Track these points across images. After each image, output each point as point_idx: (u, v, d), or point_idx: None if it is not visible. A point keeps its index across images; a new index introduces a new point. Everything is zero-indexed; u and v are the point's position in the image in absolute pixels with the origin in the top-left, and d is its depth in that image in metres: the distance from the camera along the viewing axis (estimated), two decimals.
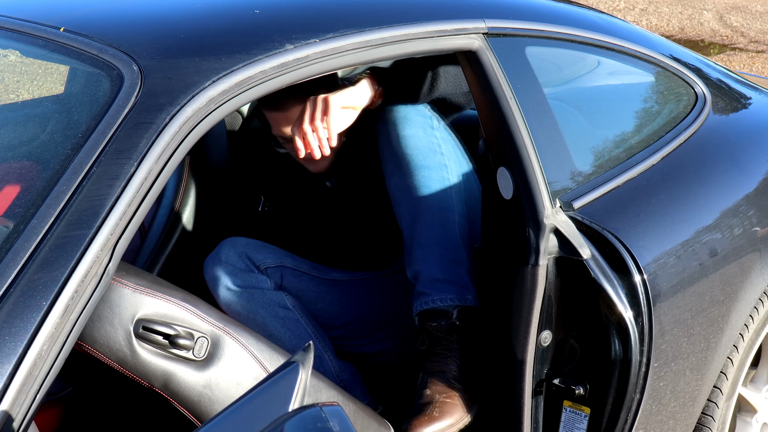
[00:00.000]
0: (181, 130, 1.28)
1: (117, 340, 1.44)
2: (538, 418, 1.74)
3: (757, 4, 9.92)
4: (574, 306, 1.69)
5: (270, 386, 1.00)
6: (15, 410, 1.09)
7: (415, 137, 1.88)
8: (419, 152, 1.88)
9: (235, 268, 2.04)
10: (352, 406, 1.65)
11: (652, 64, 2.11)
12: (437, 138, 1.91)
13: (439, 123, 1.94)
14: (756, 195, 2.04)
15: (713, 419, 1.98)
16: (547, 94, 1.75)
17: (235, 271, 2.04)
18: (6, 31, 1.56)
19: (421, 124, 1.89)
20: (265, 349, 1.57)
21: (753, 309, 2.02)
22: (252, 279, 2.06)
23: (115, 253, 1.21)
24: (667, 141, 1.96)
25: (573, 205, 1.70)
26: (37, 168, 1.32)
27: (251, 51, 1.39)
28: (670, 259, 1.76)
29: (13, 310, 1.11)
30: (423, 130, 1.89)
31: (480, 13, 1.69)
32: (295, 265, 2.17)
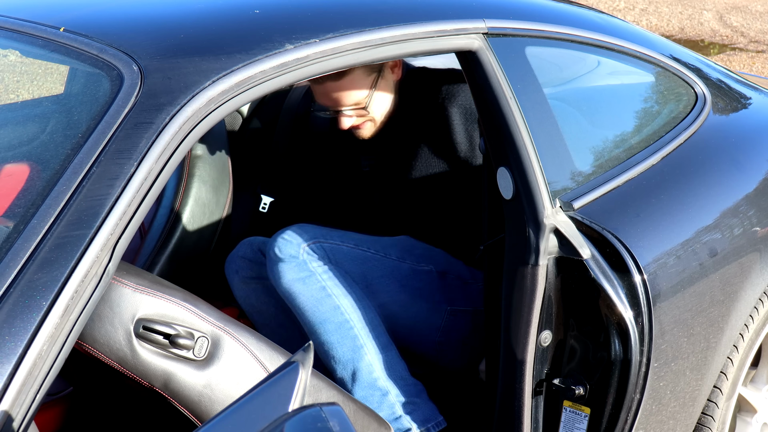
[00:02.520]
0: (181, 130, 1.28)
1: (117, 339, 1.44)
2: (538, 418, 1.74)
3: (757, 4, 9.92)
4: (574, 306, 1.69)
5: (270, 386, 1.00)
6: (15, 410, 1.09)
7: (299, 294, 1.89)
8: (308, 310, 1.89)
9: (249, 261, 2.11)
10: (352, 406, 1.65)
11: (652, 64, 2.11)
12: (318, 281, 1.89)
13: (312, 256, 1.91)
14: (756, 195, 2.05)
15: (713, 419, 1.98)
16: (547, 94, 1.75)
17: (249, 264, 2.11)
18: (6, 31, 1.56)
19: (297, 278, 1.89)
20: (265, 349, 1.57)
21: (753, 309, 2.02)
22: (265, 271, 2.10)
23: (115, 253, 1.21)
24: (667, 141, 1.96)
25: (573, 205, 1.70)
26: (37, 168, 1.32)
27: (251, 51, 1.39)
28: (670, 259, 1.76)
29: (13, 310, 1.11)
30: (302, 283, 1.89)
31: (480, 13, 1.69)
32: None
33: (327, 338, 1.88)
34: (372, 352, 1.88)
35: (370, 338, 1.89)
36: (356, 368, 1.88)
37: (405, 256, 2.03)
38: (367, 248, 2.00)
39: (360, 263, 1.97)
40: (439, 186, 2.08)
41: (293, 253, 1.88)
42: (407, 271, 2.02)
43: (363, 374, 1.87)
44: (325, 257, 1.91)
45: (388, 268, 2.00)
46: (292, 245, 1.89)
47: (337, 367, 1.89)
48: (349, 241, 1.98)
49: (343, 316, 1.88)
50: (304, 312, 1.89)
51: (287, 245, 1.89)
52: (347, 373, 1.89)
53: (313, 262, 1.89)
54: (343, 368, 1.89)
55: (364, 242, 2.00)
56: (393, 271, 2.00)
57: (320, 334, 1.89)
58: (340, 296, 1.89)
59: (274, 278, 1.91)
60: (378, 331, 1.91)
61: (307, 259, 1.89)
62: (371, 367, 1.88)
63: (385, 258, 2.00)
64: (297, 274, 1.88)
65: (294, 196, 2.55)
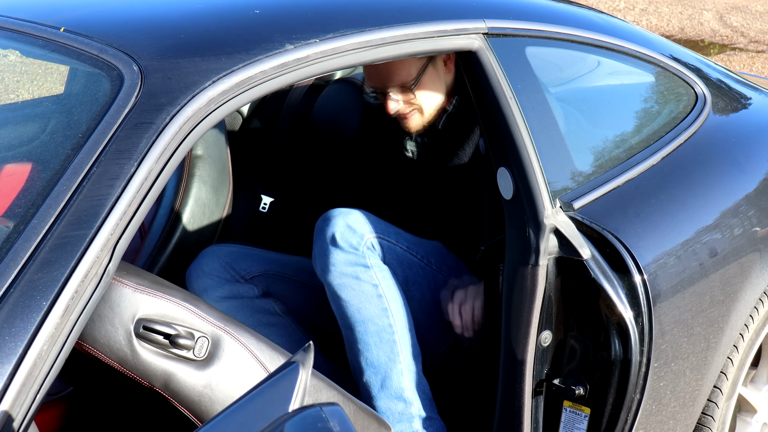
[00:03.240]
0: (181, 130, 1.28)
1: (117, 339, 1.44)
2: (538, 418, 1.74)
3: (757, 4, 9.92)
4: (574, 306, 1.69)
5: (270, 386, 1.00)
6: (15, 410, 1.09)
7: (349, 288, 1.83)
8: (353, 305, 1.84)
9: (220, 279, 2.02)
10: (352, 406, 1.65)
11: (652, 65, 2.11)
12: (373, 278, 1.84)
13: (372, 252, 1.85)
14: (756, 195, 2.05)
15: (713, 419, 1.98)
16: (547, 94, 1.75)
17: (220, 282, 2.02)
18: (6, 31, 1.56)
19: (352, 271, 1.83)
20: (265, 349, 1.57)
21: (753, 309, 2.02)
22: (237, 289, 2.04)
23: (116, 253, 1.21)
24: (667, 141, 1.96)
25: (573, 205, 1.70)
26: (37, 168, 1.32)
27: (251, 51, 1.39)
28: (670, 260, 1.76)
29: (14, 310, 1.11)
30: (355, 277, 1.83)
31: (480, 13, 1.69)
32: (281, 271, 2.14)
33: (365, 338, 1.83)
34: (405, 362, 1.85)
35: (406, 348, 1.85)
36: (387, 375, 1.84)
37: (442, 267, 2.00)
38: (416, 252, 1.95)
39: (406, 267, 1.92)
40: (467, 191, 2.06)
41: (354, 243, 1.81)
42: (441, 282, 1.99)
43: (393, 382, 1.84)
44: (383, 255, 1.86)
45: (427, 277, 1.97)
46: (356, 235, 1.81)
47: (367, 369, 1.85)
48: (403, 241, 1.93)
49: (388, 320, 1.83)
50: (348, 306, 1.82)
51: (350, 233, 1.81)
52: (377, 378, 1.85)
53: (371, 257, 1.82)
54: (374, 372, 1.85)
55: (413, 245, 1.95)
56: (430, 281, 1.98)
57: (359, 332, 1.83)
58: (390, 299, 1.84)
59: (325, 263, 1.82)
60: (413, 342, 1.87)
61: (366, 253, 1.82)
62: (401, 377, 1.84)
63: (427, 266, 1.97)
64: (352, 267, 1.81)
65: (294, 195, 2.55)
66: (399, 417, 1.86)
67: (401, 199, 2.20)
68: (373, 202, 2.25)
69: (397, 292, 1.86)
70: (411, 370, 1.87)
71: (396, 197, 2.21)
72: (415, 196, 2.17)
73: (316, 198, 2.55)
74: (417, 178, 2.16)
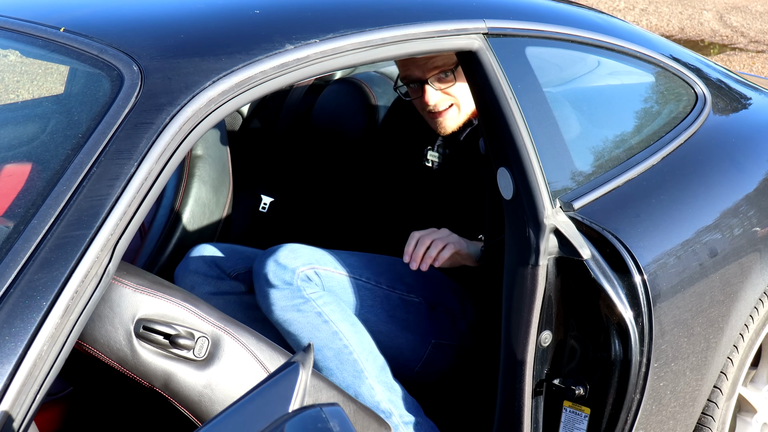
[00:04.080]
0: (181, 130, 1.28)
1: (117, 339, 1.44)
2: (538, 418, 1.74)
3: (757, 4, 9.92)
4: (574, 306, 1.69)
5: (270, 386, 1.00)
6: (15, 410, 1.09)
7: (294, 322, 1.83)
8: (304, 337, 1.84)
9: (206, 276, 2.02)
10: (352, 406, 1.65)
11: (652, 65, 2.11)
12: (314, 307, 1.84)
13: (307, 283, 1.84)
14: (756, 195, 2.04)
15: (713, 419, 1.98)
16: (547, 94, 1.75)
17: (206, 279, 2.02)
18: (6, 31, 1.56)
19: (291, 305, 1.83)
20: (265, 349, 1.57)
21: (753, 309, 2.02)
22: (224, 285, 2.04)
23: (116, 253, 1.21)
24: (667, 141, 1.96)
25: (573, 205, 1.70)
26: (37, 168, 1.32)
27: (251, 51, 1.39)
28: (670, 260, 1.76)
29: (13, 310, 1.11)
30: (296, 310, 1.83)
31: (480, 13, 1.69)
32: None
33: (326, 364, 1.85)
34: (372, 375, 1.86)
35: (369, 362, 1.86)
36: (358, 392, 1.85)
37: (396, 285, 1.99)
38: (360, 275, 1.95)
39: (352, 292, 1.92)
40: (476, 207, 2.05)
41: (287, 279, 1.81)
42: (396, 301, 1.98)
43: (365, 398, 1.85)
44: (320, 284, 1.86)
45: (378, 298, 1.96)
46: (286, 271, 1.82)
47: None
48: (343, 267, 1.92)
49: (342, 342, 1.84)
50: (300, 339, 1.84)
51: (281, 271, 1.81)
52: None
53: (307, 288, 1.83)
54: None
55: (356, 268, 1.95)
56: (383, 301, 1.97)
57: (318, 360, 1.85)
58: (337, 322, 1.84)
59: (266, 305, 1.84)
60: (375, 354, 1.88)
61: (301, 285, 1.82)
62: (373, 390, 1.85)
63: (376, 287, 1.96)
64: (291, 301, 1.82)
65: (294, 196, 2.55)
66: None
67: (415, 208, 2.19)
68: (382, 208, 2.24)
69: (344, 313, 1.87)
70: (381, 381, 1.87)
71: (410, 206, 2.20)
72: (430, 206, 2.16)
73: (316, 198, 2.55)
74: (435, 189, 2.15)
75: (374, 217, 2.29)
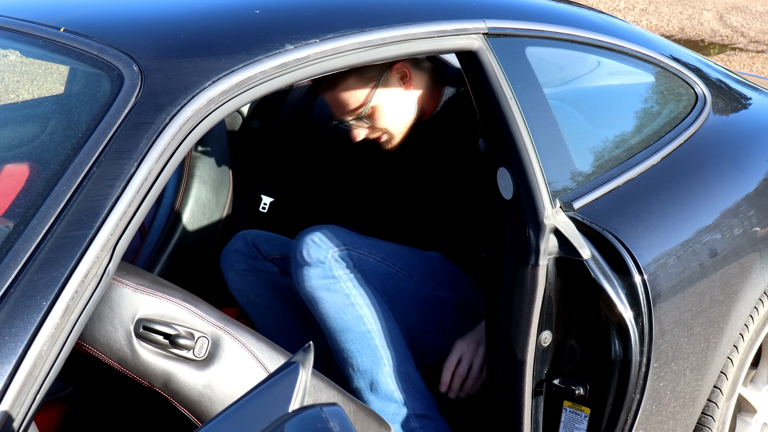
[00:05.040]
0: (181, 130, 1.28)
1: (117, 339, 1.44)
2: (538, 418, 1.74)
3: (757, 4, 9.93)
4: (574, 306, 1.69)
5: (270, 386, 1.00)
6: (15, 410, 1.09)
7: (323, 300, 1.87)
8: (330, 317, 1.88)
9: (244, 255, 2.14)
10: (352, 406, 1.65)
11: (652, 65, 2.11)
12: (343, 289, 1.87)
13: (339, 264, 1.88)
14: (756, 195, 2.04)
15: (713, 419, 1.98)
16: (547, 94, 1.75)
17: (244, 257, 2.14)
18: (6, 31, 1.56)
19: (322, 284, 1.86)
20: (265, 349, 1.57)
21: (753, 309, 2.02)
22: (259, 264, 2.14)
23: (116, 253, 1.21)
24: (667, 141, 1.96)
25: (573, 205, 1.70)
26: (37, 168, 1.32)
27: (251, 51, 1.39)
28: (670, 260, 1.76)
29: (14, 310, 1.11)
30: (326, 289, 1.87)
31: (480, 13, 1.69)
32: None
33: (347, 346, 1.87)
34: (391, 364, 1.87)
35: (389, 350, 1.88)
36: (374, 379, 1.87)
37: (427, 280, 2.00)
38: (393, 264, 1.97)
39: (383, 278, 1.94)
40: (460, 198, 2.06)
41: (321, 257, 1.85)
42: (426, 296, 2.00)
43: (381, 385, 1.87)
44: (352, 266, 1.89)
45: (408, 289, 1.98)
46: (321, 249, 1.86)
47: (355, 375, 1.89)
48: (377, 253, 1.95)
49: (365, 326, 1.87)
50: (326, 318, 1.87)
51: (316, 249, 1.86)
52: (365, 382, 1.88)
53: (339, 269, 1.86)
54: (361, 377, 1.88)
55: (391, 256, 1.97)
56: (412, 293, 1.98)
57: (341, 342, 1.88)
58: (363, 306, 1.87)
59: (298, 280, 1.88)
60: (397, 343, 1.90)
61: (334, 265, 1.86)
62: (389, 379, 1.87)
63: (408, 278, 1.98)
64: (322, 280, 1.86)
65: (294, 196, 2.55)
66: (393, 417, 1.87)
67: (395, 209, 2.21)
68: (368, 211, 2.26)
69: (372, 298, 1.89)
70: (399, 371, 1.89)
71: (390, 208, 2.22)
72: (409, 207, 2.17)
73: (316, 198, 2.55)
74: (409, 190, 2.16)
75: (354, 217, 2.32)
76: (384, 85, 1.97)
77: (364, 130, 2.01)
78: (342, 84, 1.94)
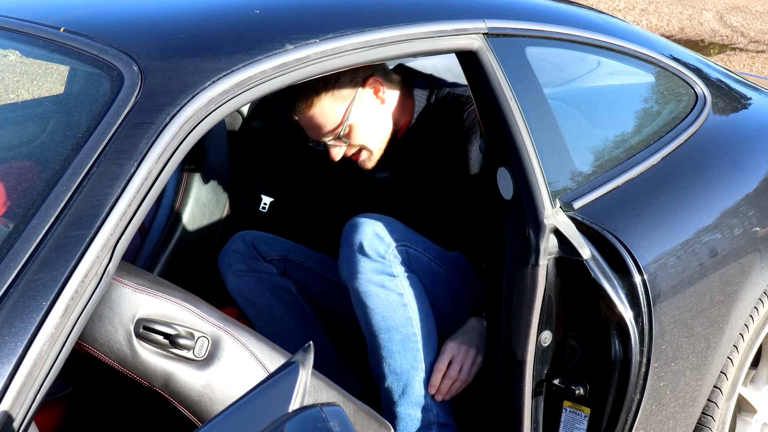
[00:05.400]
0: (181, 130, 1.28)
1: (117, 339, 1.44)
2: (538, 418, 1.74)
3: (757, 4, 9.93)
4: (574, 306, 1.69)
5: (270, 386, 1.00)
6: (15, 410, 1.09)
7: (374, 296, 1.84)
8: (378, 313, 1.85)
9: (243, 256, 2.13)
10: (352, 406, 1.65)
11: (652, 65, 2.11)
12: (398, 287, 1.85)
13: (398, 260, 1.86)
14: (756, 195, 2.05)
15: (713, 419, 1.98)
16: (547, 94, 1.75)
17: (242, 258, 2.13)
18: (6, 31, 1.56)
19: (378, 279, 1.83)
20: (265, 349, 1.57)
21: (753, 309, 2.02)
22: (258, 265, 2.14)
23: (116, 253, 1.21)
24: (667, 141, 1.96)
25: (573, 205, 1.70)
26: (37, 168, 1.32)
27: (251, 51, 1.39)
28: (670, 260, 1.76)
29: (14, 310, 1.11)
30: (381, 285, 1.84)
31: (480, 13, 1.69)
32: (301, 260, 2.20)
33: (389, 345, 1.85)
34: (426, 370, 1.86)
35: (430, 356, 1.86)
36: (409, 383, 1.86)
37: (465, 280, 2.00)
38: (441, 263, 1.96)
39: (432, 278, 1.93)
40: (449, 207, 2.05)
41: (381, 251, 1.82)
42: (464, 296, 1.99)
43: (414, 390, 1.86)
44: (408, 264, 1.87)
45: (451, 289, 1.97)
46: (383, 243, 1.82)
47: (389, 375, 1.86)
48: (430, 251, 1.93)
49: (413, 329, 1.84)
50: (373, 313, 1.84)
51: (377, 242, 1.81)
52: (399, 384, 1.86)
53: (397, 266, 1.83)
54: (396, 379, 1.86)
55: (440, 256, 1.96)
56: (453, 293, 1.98)
57: (384, 340, 1.85)
58: (414, 308, 1.85)
59: (351, 270, 1.83)
60: (436, 349, 1.89)
61: (393, 261, 1.83)
62: (422, 385, 1.86)
63: (452, 279, 1.97)
64: (379, 276, 1.82)
65: (294, 196, 2.55)
66: (418, 423, 1.87)
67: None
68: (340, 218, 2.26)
69: (422, 301, 1.87)
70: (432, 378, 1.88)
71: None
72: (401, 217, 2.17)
73: (316, 198, 2.55)
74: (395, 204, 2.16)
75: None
76: (359, 101, 1.96)
77: (342, 148, 2.01)
78: (317, 106, 1.93)
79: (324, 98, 1.93)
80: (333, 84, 1.92)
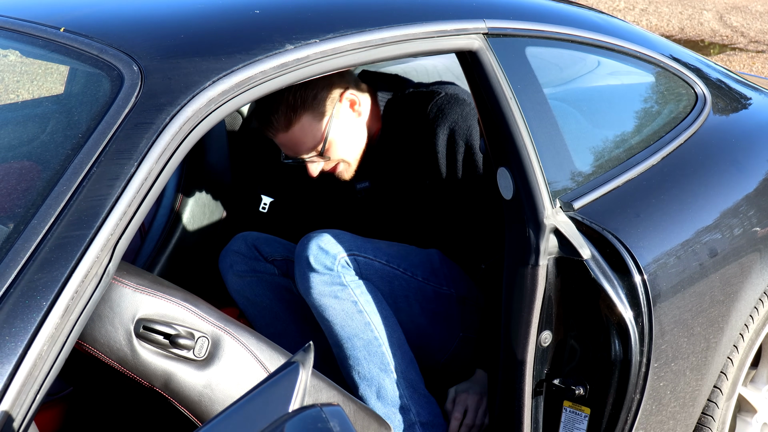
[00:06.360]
0: (181, 130, 1.28)
1: (117, 339, 1.44)
2: (538, 418, 1.74)
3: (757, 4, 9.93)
4: (574, 306, 1.69)
5: (270, 386, 1.00)
6: (15, 410, 1.09)
7: (330, 308, 1.86)
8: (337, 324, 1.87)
9: (244, 256, 2.13)
10: (352, 406, 1.65)
11: (652, 65, 2.11)
12: (351, 296, 1.87)
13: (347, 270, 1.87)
14: (756, 195, 2.05)
15: (713, 419, 1.98)
16: (547, 94, 1.75)
17: (244, 259, 2.12)
18: (6, 31, 1.56)
19: (329, 291, 1.85)
20: (265, 349, 1.57)
21: (753, 309, 2.02)
22: (259, 266, 2.13)
23: (116, 253, 1.21)
24: (667, 141, 1.96)
25: (573, 205, 1.70)
26: (37, 168, 1.32)
27: (251, 51, 1.39)
28: (670, 260, 1.76)
29: (14, 310, 1.11)
30: (334, 296, 1.85)
31: (480, 13, 1.69)
32: None
33: (354, 353, 1.87)
34: (398, 371, 1.88)
35: (396, 356, 1.88)
36: (381, 386, 1.87)
37: (430, 278, 2.00)
38: (397, 266, 1.96)
39: (388, 281, 1.94)
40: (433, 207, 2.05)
41: (328, 264, 1.84)
42: (430, 294, 2.00)
43: (388, 392, 1.87)
44: (359, 271, 1.88)
45: (413, 289, 1.98)
46: (328, 256, 1.84)
47: (361, 383, 1.88)
48: (382, 256, 1.94)
49: (373, 333, 1.86)
50: (333, 325, 1.87)
51: (323, 255, 1.84)
52: (372, 389, 1.88)
53: (347, 275, 1.85)
54: (367, 385, 1.88)
55: (394, 258, 1.97)
56: (417, 293, 1.98)
57: (347, 349, 1.87)
58: (371, 313, 1.87)
59: (305, 287, 1.87)
60: (403, 349, 1.90)
61: (341, 272, 1.85)
62: (396, 385, 1.87)
63: (412, 278, 1.98)
64: (329, 287, 1.84)
65: (294, 196, 2.55)
66: (400, 424, 1.88)
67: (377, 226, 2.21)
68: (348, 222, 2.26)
69: (379, 305, 1.89)
70: (405, 377, 1.89)
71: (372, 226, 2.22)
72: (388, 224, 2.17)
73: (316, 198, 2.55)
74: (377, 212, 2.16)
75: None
76: (337, 117, 1.96)
77: (321, 164, 2.01)
78: (296, 125, 1.93)
79: (303, 116, 1.92)
80: (312, 101, 1.92)
